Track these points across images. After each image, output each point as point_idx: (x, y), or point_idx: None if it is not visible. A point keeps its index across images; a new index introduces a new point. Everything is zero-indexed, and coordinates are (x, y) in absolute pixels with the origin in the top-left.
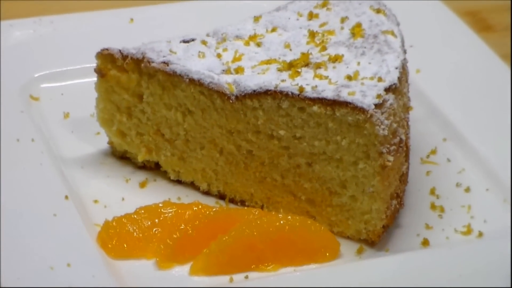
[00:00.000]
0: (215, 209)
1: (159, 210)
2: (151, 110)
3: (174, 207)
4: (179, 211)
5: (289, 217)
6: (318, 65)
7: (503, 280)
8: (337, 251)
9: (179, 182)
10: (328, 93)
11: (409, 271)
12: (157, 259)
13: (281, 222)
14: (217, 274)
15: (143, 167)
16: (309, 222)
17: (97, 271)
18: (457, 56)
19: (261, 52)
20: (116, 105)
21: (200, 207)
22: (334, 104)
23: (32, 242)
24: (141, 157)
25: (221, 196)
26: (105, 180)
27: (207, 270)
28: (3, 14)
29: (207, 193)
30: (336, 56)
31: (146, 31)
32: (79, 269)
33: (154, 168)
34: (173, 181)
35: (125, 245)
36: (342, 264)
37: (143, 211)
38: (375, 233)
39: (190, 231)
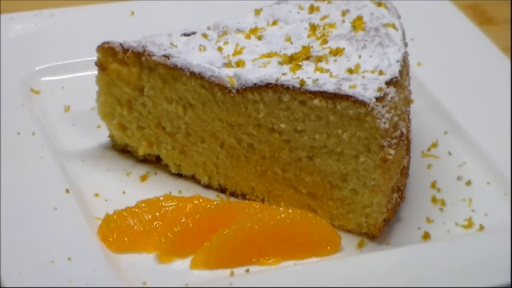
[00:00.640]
0: (216, 202)
1: (160, 203)
2: (152, 104)
3: (175, 200)
4: (180, 204)
5: (290, 210)
6: (319, 58)
7: (503, 273)
8: (338, 245)
9: (180, 175)
10: (329, 86)
11: (410, 265)
12: (158, 252)
13: (282, 215)
14: (218, 267)
15: (144, 160)
16: (310, 215)
17: (98, 264)
18: (458, 49)
19: (262, 45)
20: (117, 99)
21: (201, 200)
22: (335, 97)
23: (32, 236)
24: (142, 151)
25: (222, 190)
26: (106, 173)
27: (208, 264)
28: (3, 7)
29: (208, 186)
30: (337, 49)
31: (147, 24)
32: (80, 263)
33: (155, 162)
34: (174, 174)
35: (126, 239)
36: (343, 258)
37: (144, 205)
38: (376, 227)
39: (191, 225)
